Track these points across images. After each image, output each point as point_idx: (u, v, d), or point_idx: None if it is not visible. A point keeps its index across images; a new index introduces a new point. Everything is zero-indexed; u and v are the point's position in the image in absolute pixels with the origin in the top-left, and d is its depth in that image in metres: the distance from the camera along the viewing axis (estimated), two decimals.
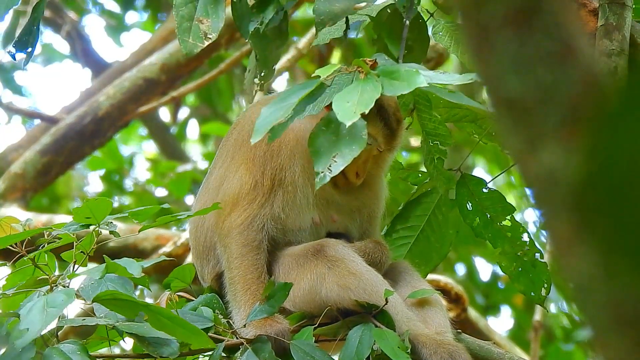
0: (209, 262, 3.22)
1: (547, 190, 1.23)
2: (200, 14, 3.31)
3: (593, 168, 1.16)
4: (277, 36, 3.40)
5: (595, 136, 1.17)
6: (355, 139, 2.84)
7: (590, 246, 1.20)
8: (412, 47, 3.38)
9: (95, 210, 2.87)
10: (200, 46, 3.27)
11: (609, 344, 1.21)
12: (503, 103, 1.27)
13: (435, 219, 3.51)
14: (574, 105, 1.23)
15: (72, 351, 2.66)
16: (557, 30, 1.25)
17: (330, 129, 2.87)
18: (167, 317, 2.65)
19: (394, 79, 2.86)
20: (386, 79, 2.86)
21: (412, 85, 2.82)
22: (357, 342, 2.90)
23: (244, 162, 3.16)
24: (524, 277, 3.39)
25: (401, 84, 2.85)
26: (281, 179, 3.12)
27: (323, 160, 2.83)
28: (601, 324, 1.22)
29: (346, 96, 2.83)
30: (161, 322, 2.64)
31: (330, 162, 2.83)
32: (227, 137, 3.33)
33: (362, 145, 2.84)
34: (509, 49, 1.26)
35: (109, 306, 2.69)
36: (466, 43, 1.30)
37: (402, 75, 2.87)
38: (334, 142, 2.86)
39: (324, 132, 2.87)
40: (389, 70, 2.90)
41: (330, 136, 2.87)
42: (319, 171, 2.82)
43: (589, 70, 1.24)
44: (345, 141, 2.84)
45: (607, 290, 1.20)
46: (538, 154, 1.24)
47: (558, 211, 1.22)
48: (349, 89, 2.85)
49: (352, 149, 2.84)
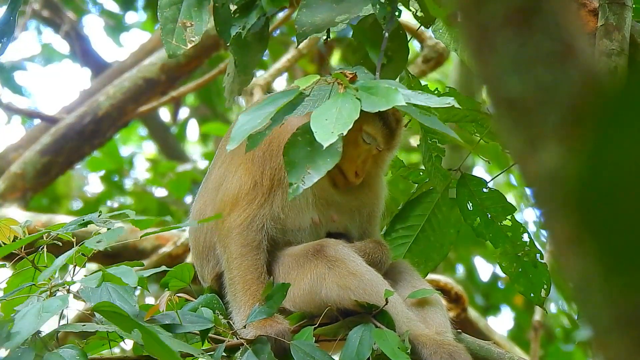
0: (209, 262, 3.22)
1: (547, 190, 1.23)
2: (184, 16, 3.31)
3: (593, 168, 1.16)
4: (258, 42, 3.41)
5: (596, 136, 1.17)
6: (331, 152, 2.82)
7: (591, 246, 1.20)
8: (392, 57, 3.37)
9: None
10: (183, 48, 3.28)
11: (609, 344, 1.21)
12: (503, 103, 1.27)
13: (436, 219, 3.52)
14: (574, 105, 1.23)
15: (71, 357, 2.65)
16: (557, 30, 1.25)
17: (306, 140, 2.85)
18: (158, 342, 2.62)
19: (372, 94, 2.86)
20: (365, 94, 2.86)
21: (391, 102, 2.81)
22: (357, 343, 2.90)
23: (242, 162, 3.16)
24: (524, 278, 3.39)
25: (380, 100, 2.83)
26: (280, 178, 3.12)
27: (297, 172, 2.82)
28: (601, 324, 1.22)
29: (325, 113, 2.82)
30: (152, 346, 2.63)
31: (304, 173, 2.82)
32: (226, 137, 3.33)
33: (336, 159, 2.82)
34: (509, 49, 1.26)
35: (106, 317, 2.69)
36: (466, 43, 1.30)
37: (381, 92, 2.86)
38: (309, 153, 2.84)
39: (299, 143, 2.86)
40: (368, 86, 2.90)
41: (306, 147, 2.84)
42: (293, 182, 2.81)
43: (589, 71, 1.24)
44: (320, 153, 2.83)
45: (607, 290, 1.20)
46: (538, 154, 1.24)
47: (558, 211, 1.22)
48: (328, 105, 2.84)
49: (327, 162, 2.82)
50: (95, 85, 7.15)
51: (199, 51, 6.66)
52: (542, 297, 3.38)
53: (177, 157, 8.91)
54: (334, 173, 3.17)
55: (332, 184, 3.19)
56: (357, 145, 3.16)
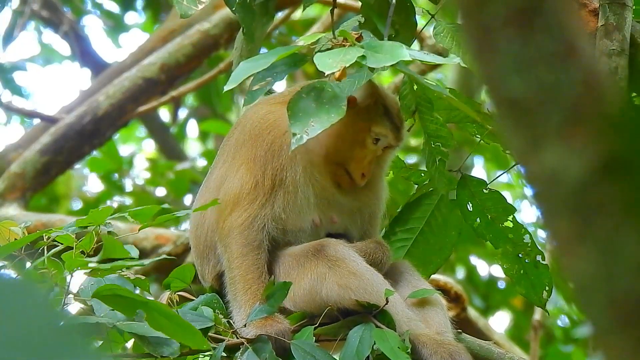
0: (209, 262, 3.22)
1: (549, 190, 1.24)
2: None
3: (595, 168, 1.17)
4: (264, 13, 3.39)
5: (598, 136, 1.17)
6: (335, 107, 2.83)
7: (592, 246, 1.20)
8: (399, 30, 3.36)
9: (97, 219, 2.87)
10: (194, 9, 3.27)
11: (610, 344, 1.22)
12: (505, 103, 1.27)
13: (435, 221, 3.50)
14: (576, 105, 1.23)
15: None
16: (558, 30, 1.26)
17: (310, 97, 2.87)
18: (165, 316, 2.64)
19: (377, 52, 2.86)
20: (370, 52, 2.86)
21: (396, 57, 2.81)
22: (357, 342, 2.90)
23: (244, 161, 3.16)
24: (525, 280, 3.38)
25: (384, 56, 2.84)
26: (282, 179, 3.12)
27: (300, 124, 2.83)
28: (603, 324, 1.22)
29: (328, 54, 2.84)
30: (159, 321, 2.64)
31: (308, 126, 2.83)
32: (229, 136, 3.33)
33: (340, 114, 2.83)
34: (511, 49, 1.26)
35: (107, 302, 2.68)
36: (468, 43, 1.30)
37: (386, 49, 2.86)
38: (313, 108, 2.85)
39: (304, 99, 2.87)
40: (373, 45, 2.90)
41: (310, 103, 2.86)
42: (296, 132, 2.82)
43: (591, 71, 1.24)
44: (325, 109, 2.84)
45: (608, 290, 1.20)
46: (540, 154, 1.24)
47: (560, 211, 1.22)
48: (332, 52, 2.86)
49: (331, 117, 2.83)
50: (95, 85, 7.14)
51: (198, 51, 6.66)
52: (543, 298, 3.38)
53: (177, 157, 8.91)
54: (340, 174, 3.18)
55: (334, 185, 3.19)
56: (365, 146, 3.18)
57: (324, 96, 2.84)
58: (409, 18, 3.37)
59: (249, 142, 3.16)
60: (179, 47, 6.65)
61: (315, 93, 2.84)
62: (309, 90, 2.87)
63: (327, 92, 2.88)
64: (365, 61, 2.82)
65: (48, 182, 6.76)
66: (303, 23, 7.77)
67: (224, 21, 6.67)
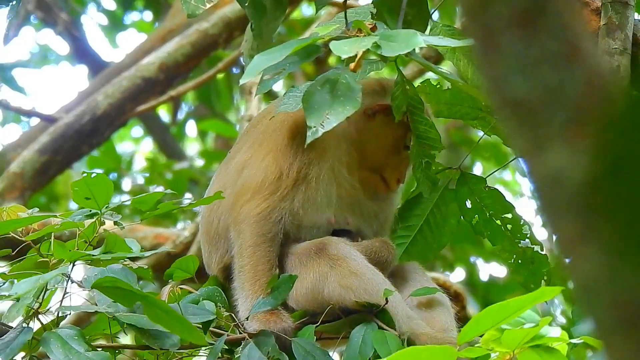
0: (218, 251, 3.19)
1: (553, 191, 1.23)
2: None
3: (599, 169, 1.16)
4: (276, 7, 3.37)
5: (602, 137, 1.17)
6: (350, 100, 2.84)
7: (596, 247, 1.20)
8: (411, 22, 3.35)
9: (95, 189, 2.84)
10: (202, 8, 3.26)
11: (614, 346, 1.22)
12: (508, 104, 1.27)
13: (434, 219, 3.50)
14: (580, 105, 1.23)
15: (69, 336, 2.64)
16: (562, 30, 1.25)
17: (326, 89, 2.87)
18: (164, 310, 2.64)
19: (392, 41, 2.86)
20: (385, 42, 2.86)
21: (411, 45, 2.82)
22: (359, 342, 2.89)
23: (272, 150, 3.13)
24: (524, 268, 3.38)
25: (399, 45, 2.84)
26: (307, 174, 3.09)
27: (316, 116, 2.83)
28: (607, 325, 1.22)
29: (344, 42, 2.85)
30: (158, 315, 2.63)
31: (324, 118, 2.83)
32: (255, 124, 3.30)
33: (355, 106, 2.84)
34: (514, 50, 1.26)
35: (107, 293, 2.68)
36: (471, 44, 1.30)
37: (401, 37, 2.87)
38: (328, 100, 2.85)
39: (319, 91, 2.87)
40: (388, 34, 2.91)
41: (325, 95, 2.86)
42: (312, 125, 2.82)
43: (595, 71, 1.24)
44: (340, 101, 2.84)
45: (612, 291, 1.20)
46: (544, 155, 1.24)
47: (564, 212, 1.22)
48: (348, 40, 2.87)
49: (346, 109, 2.83)
50: (94, 84, 7.14)
51: (197, 51, 6.66)
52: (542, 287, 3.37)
53: (176, 156, 8.90)
54: (376, 181, 3.20)
55: (362, 187, 3.20)
56: (399, 152, 3.21)
57: (339, 88, 2.85)
58: (423, 9, 3.36)
59: (280, 132, 3.14)
60: (178, 46, 6.65)
61: (330, 85, 2.84)
62: (323, 82, 2.87)
63: (341, 83, 2.88)
64: (380, 50, 2.82)
65: (47, 182, 6.75)
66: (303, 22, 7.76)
67: (223, 21, 6.67)
